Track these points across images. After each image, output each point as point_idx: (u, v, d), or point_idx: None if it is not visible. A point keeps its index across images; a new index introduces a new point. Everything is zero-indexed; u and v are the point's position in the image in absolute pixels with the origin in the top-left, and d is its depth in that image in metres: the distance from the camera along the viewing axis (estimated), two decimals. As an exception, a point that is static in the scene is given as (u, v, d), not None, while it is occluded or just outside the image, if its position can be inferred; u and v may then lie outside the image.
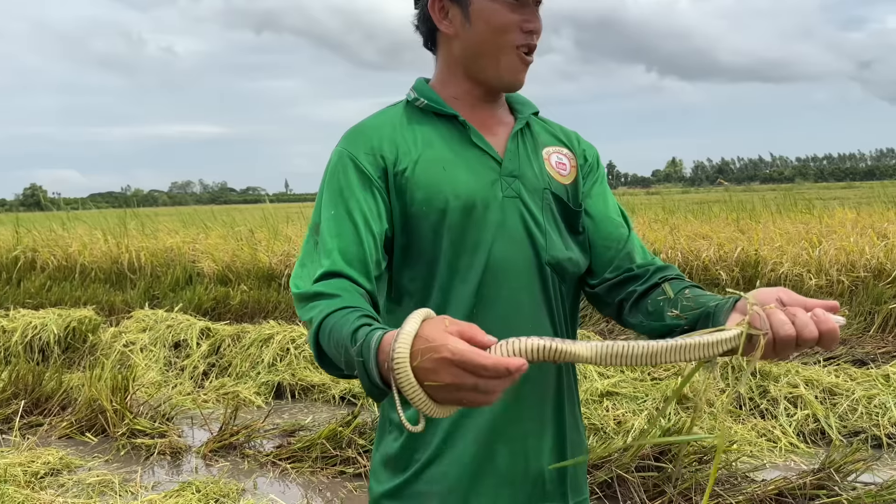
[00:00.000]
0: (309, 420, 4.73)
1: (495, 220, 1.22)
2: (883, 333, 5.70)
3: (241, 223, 10.93)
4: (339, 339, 0.96)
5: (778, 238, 6.76)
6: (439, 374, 0.83)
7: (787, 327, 0.94)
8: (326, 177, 1.24)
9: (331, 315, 1.02)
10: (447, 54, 1.30)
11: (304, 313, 1.09)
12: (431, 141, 1.26)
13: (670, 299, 1.18)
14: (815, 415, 4.14)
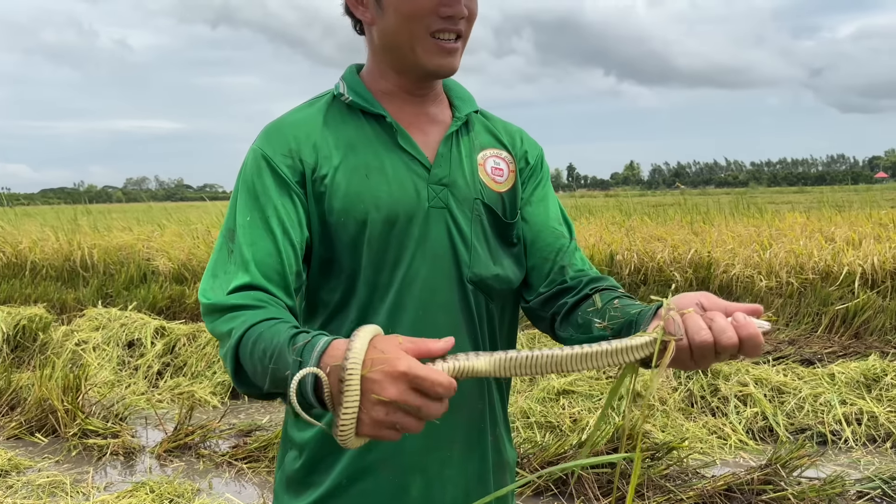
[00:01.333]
0: (266, 420, 4.69)
1: (417, 234, 1.15)
2: (829, 334, 5.88)
3: (197, 221, 10.76)
4: (268, 347, 0.90)
5: (730, 241, 6.94)
6: (385, 389, 0.79)
7: (704, 333, 0.88)
8: (241, 178, 1.14)
9: (256, 325, 0.95)
10: (370, 43, 1.22)
11: (218, 325, 1.00)
12: (355, 144, 1.17)
13: (598, 310, 1.12)
14: (764, 412, 4.26)
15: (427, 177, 1.17)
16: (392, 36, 1.17)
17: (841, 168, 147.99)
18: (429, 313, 1.15)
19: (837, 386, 4.41)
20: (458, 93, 1.29)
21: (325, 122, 1.18)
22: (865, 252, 6.20)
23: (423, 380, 0.79)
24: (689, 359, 0.91)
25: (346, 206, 1.12)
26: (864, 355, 5.11)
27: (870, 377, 4.42)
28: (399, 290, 1.14)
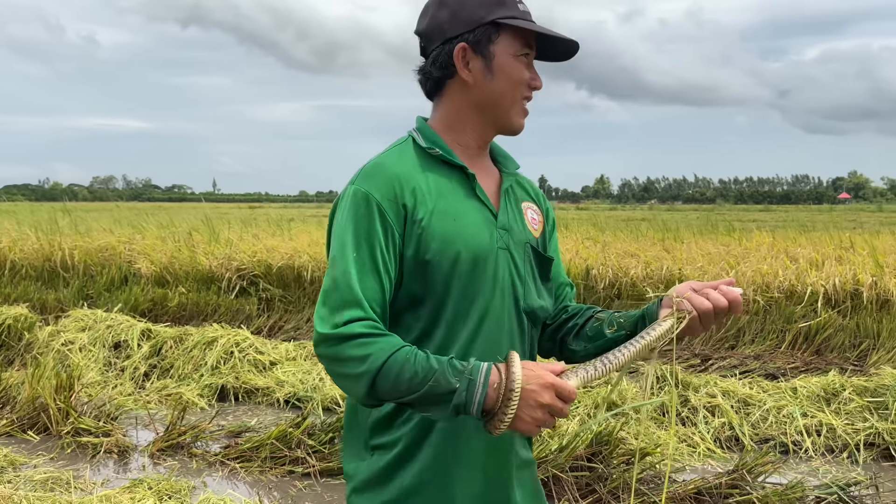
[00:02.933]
0: (254, 422, 4.83)
1: (490, 272, 1.37)
2: (793, 350, 6.20)
3: (176, 223, 10.82)
4: (420, 370, 1.19)
5: (700, 258, 7.24)
6: (542, 396, 1.17)
7: (705, 303, 1.30)
8: (350, 213, 1.32)
9: (397, 352, 1.21)
10: (460, 100, 1.43)
11: (346, 349, 1.22)
12: (443, 191, 1.37)
13: (605, 321, 1.46)
14: (731, 423, 4.52)
15: (495, 222, 1.41)
16: (497, 96, 1.42)
17: (806, 188, 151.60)
18: (497, 338, 1.38)
19: (799, 399, 4.69)
20: (499, 151, 1.55)
21: (417, 169, 1.38)
22: (828, 273, 6.54)
23: (562, 389, 1.17)
24: (698, 325, 1.31)
25: (441, 247, 1.33)
26: (825, 371, 5.42)
27: (829, 391, 4.71)
28: (478, 319, 1.36)
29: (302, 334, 6.96)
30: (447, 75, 1.43)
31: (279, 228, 9.47)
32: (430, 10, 1.45)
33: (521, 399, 1.17)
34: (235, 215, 14.24)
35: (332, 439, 4.10)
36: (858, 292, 6.27)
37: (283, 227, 9.53)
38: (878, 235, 8.97)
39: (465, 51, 1.40)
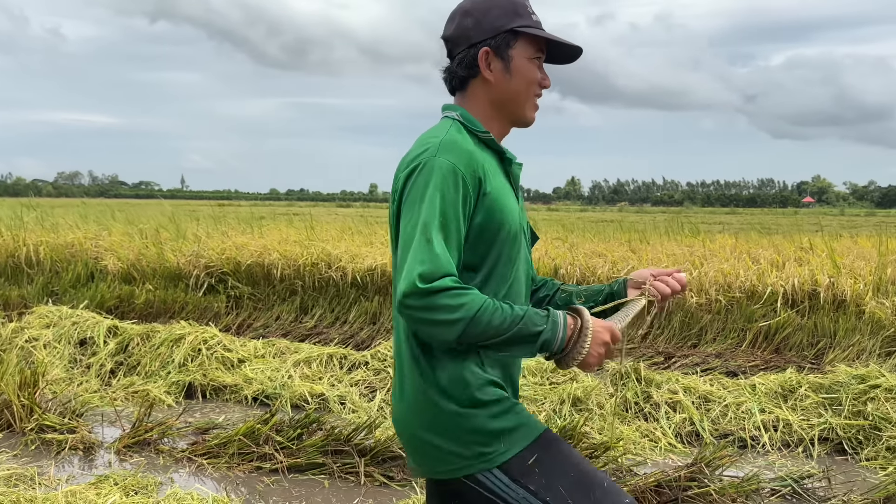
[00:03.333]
0: (222, 419, 4.82)
1: (519, 244, 1.68)
2: (753, 348, 6.36)
3: (143, 220, 10.70)
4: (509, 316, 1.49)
5: (665, 259, 7.38)
6: (605, 336, 1.56)
7: (666, 289, 1.77)
8: (438, 182, 1.50)
9: (486, 300, 1.49)
10: (482, 97, 1.70)
11: (442, 298, 1.44)
12: (495, 170, 1.65)
13: (573, 293, 1.86)
14: (691, 418, 4.64)
15: (518, 202, 1.72)
16: (513, 93, 1.69)
17: (771, 191, 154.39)
18: (520, 299, 1.70)
19: (758, 396, 4.83)
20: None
21: (477, 149, 1.63)
22: (787, 274, 6.72)
23: (615, 332, 1.58)
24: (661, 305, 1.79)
25: (500, 219, 1.60)
26: (783, 369, 5.57)
27: (787, 388, 4.86)
28: (512, 282, 1.67)
29: (271, 332, 6.96)
30: (471, 75, 1.69)
31: (249, 226, 9.42)
32: (457, 18, 1.71)
33: (591, 338, 1.54)
34: (204, 212, 14.10)
35: (301, 435, 4.13)
36: (816, 293, 6.45)
37: (254, 225, 9.49)
38: (838, 238, 9.22)
39: (488, 54, 1.67)
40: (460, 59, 1.68)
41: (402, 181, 1.57)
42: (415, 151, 1.59)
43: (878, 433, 4.36)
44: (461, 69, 1.69)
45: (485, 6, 1.67)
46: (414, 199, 1.51)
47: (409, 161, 1.57)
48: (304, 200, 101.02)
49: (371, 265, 7.27)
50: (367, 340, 6.72)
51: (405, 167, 1.58)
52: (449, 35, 1.72)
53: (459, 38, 1.69)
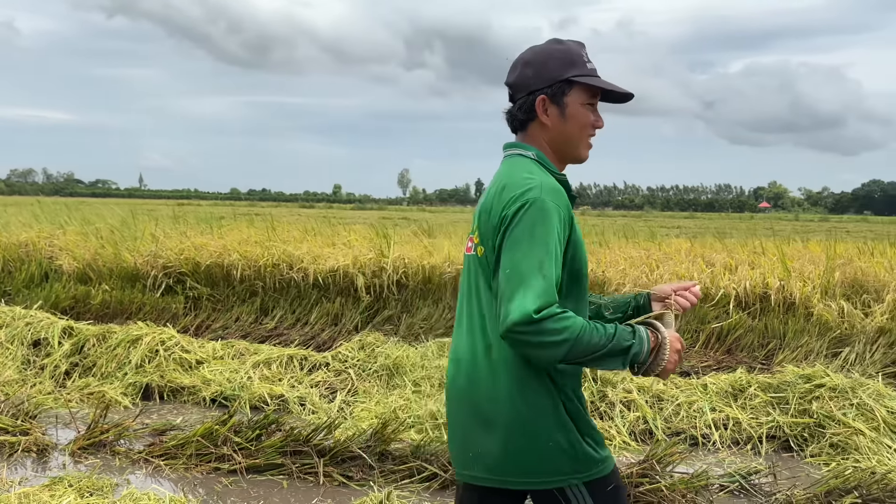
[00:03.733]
0: (180, 420, 4.79)
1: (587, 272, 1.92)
2: (706, 349, 6.53)
3: (99, 219, 10.51)
4: (604, 335, 1.68)
5: (622, 262, 7.53)
6: (676, 345, 1.78)
7: (686, 303, 1.97)
8: (545, 220, 1.71)
9: (585, 324, 1.67)
10: (541, 138, 1.91)
11: (552, 323, 1.62)
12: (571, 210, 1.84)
13: (602, 306, 2.04)
14: (645, 417, 4.75)
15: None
16: (569, 136, 1.90)
17: (728, 196, 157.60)
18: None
19: (709, 395, 4.97)
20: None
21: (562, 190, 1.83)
22: (740, 277, 6.92)
23: (682, 342, 1.81)
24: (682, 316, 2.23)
25: (581, 255, 1.84)
26: (734, 369, 5.73)
27: (737, 388, 5.01)
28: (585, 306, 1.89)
29: (230, 333, 6.91)
30: (530, 118, 1.90)
31: (208, 226, 9.32)
32: (519, 67, 1.91)
33: (668, 348, 1.76)
34: (163, 212, 13.91)
35: (259, 436, 4.13)
36: (767, 295, 6.65)
37: (213, 225, 9.39)
38: (790, 242, 9.48)
39: (545, 101, 1.86)
40: (520, 104, 1.91)
41: (511, 213, 1.74)
42: (517, 188, 1.76)
43: (822, 430, 4.53)
44: (521, 113, 1.91)
45: (543, 57, 1.88)
46: (524, 234, 1.69)
47: (517, 197, 1.74)
48: (266, 200, 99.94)
49: (333, 266, 7.27)
50: (329, 342, 6.71)
51: (513, 202, 1.74)
52: (511, 82, 1.93)
53: (520, 85, 1.90)
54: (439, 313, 7.10)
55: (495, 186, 1.85)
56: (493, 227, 1.78)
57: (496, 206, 1.79)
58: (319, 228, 9.38)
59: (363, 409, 4.90)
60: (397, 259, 7.23)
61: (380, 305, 7.16)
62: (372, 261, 7.26)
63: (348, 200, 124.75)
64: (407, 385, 5.12)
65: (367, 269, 7.20)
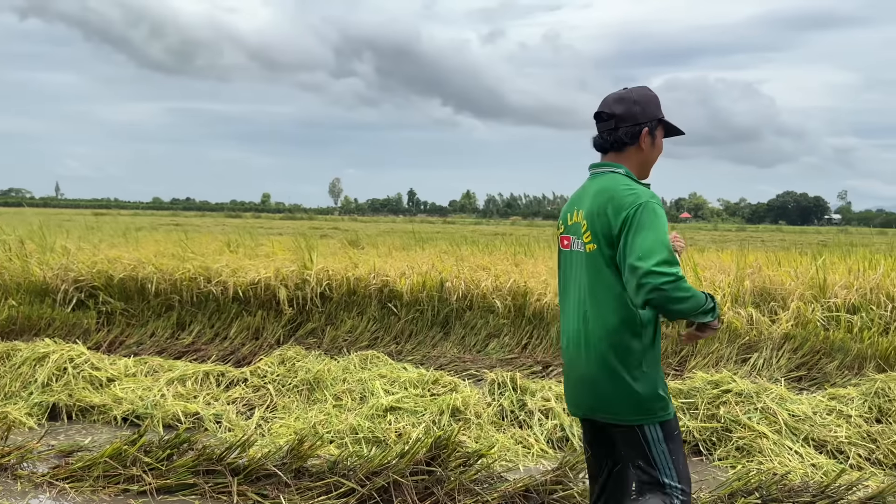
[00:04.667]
0: (88, 441, 4.61)
1: None
2: (623, 356, 6.71)
3: (8, 230, 10.02)
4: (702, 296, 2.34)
5: (544, 272, 7.68)
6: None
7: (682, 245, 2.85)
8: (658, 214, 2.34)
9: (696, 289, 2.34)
10: (635, 159, 2.58)
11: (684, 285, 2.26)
12: None
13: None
14: (562, 424, 4.85)
15: None
16: (652, 160, 2.62)
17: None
18: None
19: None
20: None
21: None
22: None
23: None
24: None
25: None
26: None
27: (649, 393, 5.17)
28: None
29: (145, 349, 6.69)
30: (631, 143, 2.56)
31: (123, 237, 9.01)
32: (627, 104, 2.55)
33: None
34: (79, 222, 13.37)
35: (171, 456, 4.01)
36: (680, 303, 6.89)
37: (128, 237, 9.08)
38: (704, 252, 9.88)
39: (647, 132, 2.56)
40: (626, 131, 2.54)
41: (631, 213, 2.35)
42: (626, 195, 2.40)
43: (729, 434, 4.72)
44: (626, 138, 2.55)
45: (647, 99, 2.57)
46: (645, 225, 2.31)
47: (630, 203, 2.37)
48: (190, 210, 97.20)
49: (254, 279, 7.14)
50: (249, 356, 6.58)
51: (628, 206, 2.37)
52: (619, 113, 2.55)
53: (628, 117, 2.54)
54: (364, 325, 7.07)
55: (602, 196, 2.46)
56: (609, 226, 2.40)
57: (611, 210, 2.40)
58: (241, 240, 9.21)
59: (282, 425, 4.82)
60: (321, 271, 7.16)
61: (303, 318, 7.08)
62: (295, 273, 7.17)
63: (277, 210, 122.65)
64: (328, 399, 5.06)
65: (290, 282, 7.11)
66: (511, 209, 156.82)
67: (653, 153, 2.58)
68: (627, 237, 2.31)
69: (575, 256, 2.54)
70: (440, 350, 6.97)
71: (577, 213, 2.56)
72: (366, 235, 16.33)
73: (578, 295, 2.52)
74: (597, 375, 2.47)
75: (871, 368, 6.29)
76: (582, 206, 2.54)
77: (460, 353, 6.94)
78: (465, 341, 7.14)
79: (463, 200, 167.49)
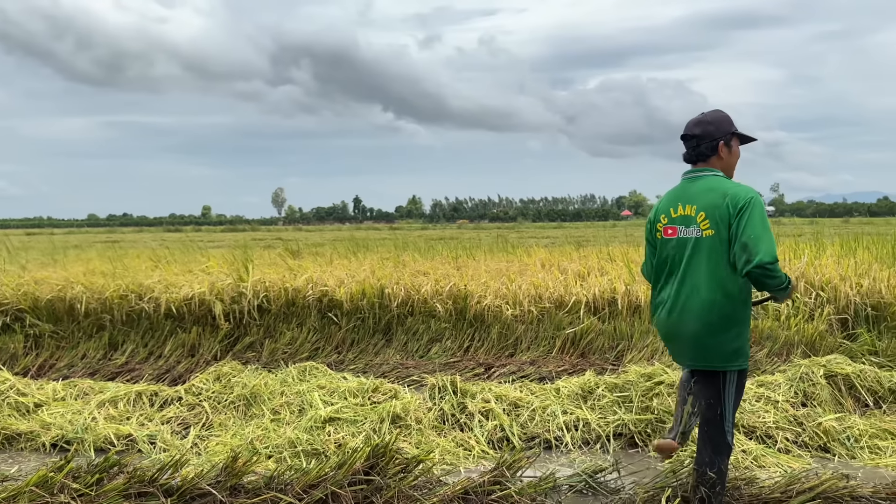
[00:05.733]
0: (14, 470, 4.44)
1: None
2: (562, 354, 6.82)
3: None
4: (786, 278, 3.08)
5: (484, 275, 7.73)
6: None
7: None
8: (762, 208, 3.10)
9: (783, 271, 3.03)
10: (717, 165, 3.34)
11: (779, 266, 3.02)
12: None
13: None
14: (502, 425, 4.89)
15: None
16: (732, 165, 3.38)
17: (594, 206, 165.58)
18: None
19: (561, 398, 5.19)
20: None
21: None
22: (590, 283, 7.28)
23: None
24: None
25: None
26: (592, 370, 6.01)
27: (586, 390, 5.26)
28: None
29: (76, 371, 6.47)
30: (712, 154, 3.33)
31: (51, 258, 8.71)
32: (703, 125, 3.33)
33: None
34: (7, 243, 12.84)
35: (101, 480, 3.89)
36: (615, 300, 7.04)
37: (56, 256, 8.78)
38: (640, 248, 10.09)
39: (723, 145, 3.31)
40: (706, 146, 3.32)
41: (743, 206, 3.10)
42: (739, 191, 3.16)
43: (663, 425, 4.84)
44: (707, 151, 3.33)
45: (719, 119, 3.34)
46: (755, 214, 3.07)
47: (744, 195, 3.13)
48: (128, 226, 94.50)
49: (188, 294, 6.99)
50: (186, 374, 6.44)
51: (743, 198, 3.12)
52: (699, 134, 3.33)
53: (706, 136, 3.32)
54: (304, 336, 7.00)
55: (715, 192, 3.20)
56: (728, 215, 3.12)
57: (730, 202, 3.13)
58: (173, 255, 8.99)
59: (218, 442, 4.73)
60: (257, 283, 7.06)
61: (241, 332, 6.96)
62: (230, 286, 7.05)
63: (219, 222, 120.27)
64: (265, 414, 4.99)
65: (226, 295, 6.98)
66: (458, 213, 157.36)
67: (731, 159, 3.35)
68: (742, 221, 3.06)
69: (684, 241, 3.27)
70: (383, 357, 6.95)
71: (683, 207, 3.28)
72: (309, 245, 16.12)
73: (689, 271, 3.23)
74: (701, 332, 3.19)
75: (799, 354, 6.53)
76: (690, 201, 3.26)
77: (403, 359, 6.93)
78: (408, 347, 7.13)
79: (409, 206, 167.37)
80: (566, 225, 77.47)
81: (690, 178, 3.34)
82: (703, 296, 3.16)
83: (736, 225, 3.07)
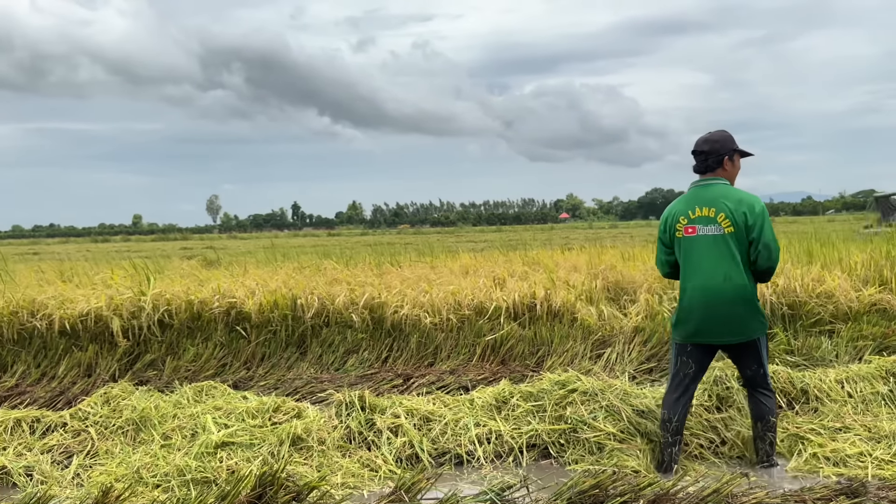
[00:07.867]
0: None
1: None
2: (482, 362, 6.63)
3: None
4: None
5: (400, 283, 7.49)
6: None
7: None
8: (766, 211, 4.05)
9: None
10: (724, 176, 4.19)
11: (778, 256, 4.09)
12: None
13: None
14: (411, 441, 4.65)
15: None
16: (735, 175, 4.26)
17: (533, 209, 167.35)
18: None
19: (475, 409, 4.97)
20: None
21: None
22: (510, 289, 7.13)
23: None
24: None
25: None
26: (510, 378, 5.82)
27: (500, 399, 5.06)
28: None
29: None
30: (718, 167, 4.16)
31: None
32: (711, 143, 4.15)
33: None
34: None
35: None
36: (534, 305, 6.90)
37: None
38: (565, 251, 10.04)
39: (727, 159, 4.16)
40: (713, 160, 4.14)
41: (759, 210, 4.01)
42: (752, 199, 4.05)
43: (577, 435, 4.68)
44: (714, 164, 4.14)
45: (724, 139, 4.16)
46: (768, 222, 3.97)
47: (756, 206, 4.02)
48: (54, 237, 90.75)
49: (83, 310, 6.52)
50: (81, 396, 5.98)
51: (758, 206, 4.01)
52: (707, 150, 4.14)
53: (713, 152, 4.14)
54: (210, 352, 6.61)
55: (732, 199, 4.04)
56: (746, 218, 3.99)
57: (747, 208, 4.00)
58: (79, 267, 8.46)
59: (102, 472, 4.35)
60: (158, 296, 6.64)
61: (141, 349, 6.53)
62: (129, 300, 6.61)
63: (150, 231, 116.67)
64: (155, 439, 4.62)
65: (125, 310, 6.55)
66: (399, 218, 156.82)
67: (734, 171, 4.21)
68: (762, 226, 3.97)
69: (706, 239, 4.06)
70: (296, 372, 6.62)
71: (701, 209, 4.08)
72: (237, 254, 15.59)
73: (716, 262, 4.04)
74: (738, 310, 4.04)
75: (717, 357, 6.51)
76: (708, 204, 4.06)
77: (317, 372, 6.62)
78: (323, 360, 6.82)
79: (350, 212, 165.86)
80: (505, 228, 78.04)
81: (702, 185, 4.15)
82: (737, 282, 4.02)
83: (756, 229, 3.97)
